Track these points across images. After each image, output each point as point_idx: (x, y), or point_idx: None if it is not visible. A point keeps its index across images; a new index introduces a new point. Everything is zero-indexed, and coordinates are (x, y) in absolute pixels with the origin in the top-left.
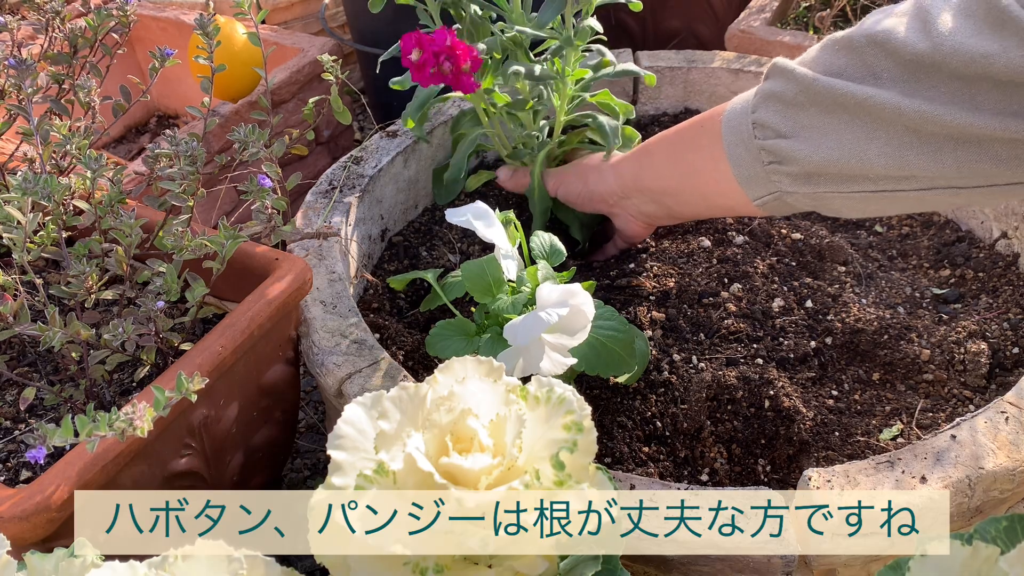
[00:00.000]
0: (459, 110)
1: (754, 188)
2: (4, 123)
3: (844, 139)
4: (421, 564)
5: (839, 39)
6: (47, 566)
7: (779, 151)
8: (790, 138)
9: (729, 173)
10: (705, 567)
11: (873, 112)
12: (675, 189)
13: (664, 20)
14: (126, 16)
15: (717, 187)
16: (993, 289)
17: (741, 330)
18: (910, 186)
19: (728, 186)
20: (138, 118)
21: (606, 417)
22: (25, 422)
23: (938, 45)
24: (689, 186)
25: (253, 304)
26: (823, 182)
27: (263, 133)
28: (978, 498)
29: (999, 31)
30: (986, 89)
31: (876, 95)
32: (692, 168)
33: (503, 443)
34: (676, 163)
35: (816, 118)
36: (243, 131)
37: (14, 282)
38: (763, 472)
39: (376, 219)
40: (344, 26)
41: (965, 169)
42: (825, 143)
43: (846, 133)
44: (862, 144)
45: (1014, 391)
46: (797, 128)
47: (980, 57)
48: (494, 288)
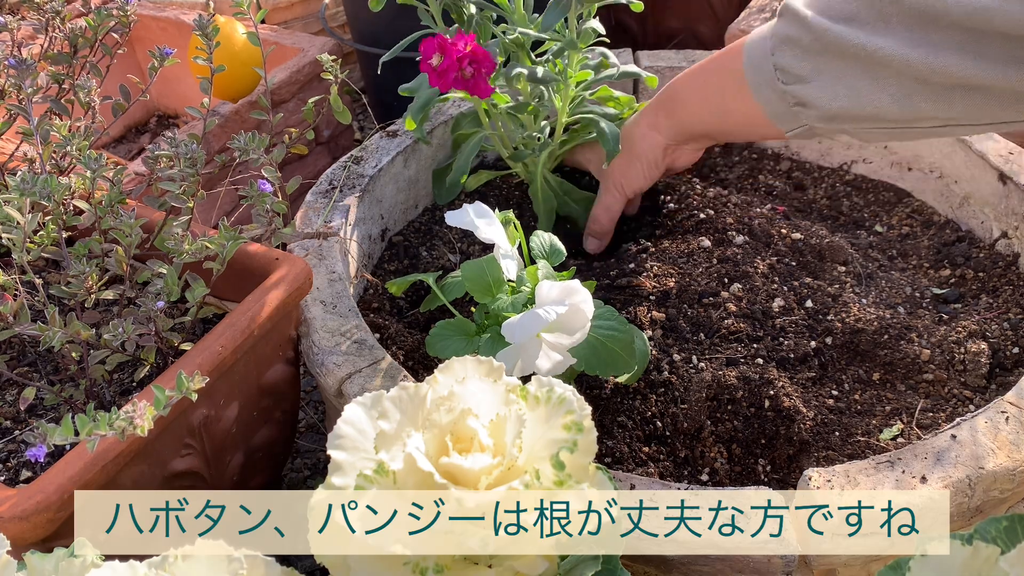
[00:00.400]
0: (459, 110)
1: (785, 123)
2: (4, 123)
3: (858, 87)
4: (421, 564)
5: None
6: (47, 566)
7: (801, 96)
8: (809, 83)
9: (761, 112)
10: (705, 567)
11: (883, 62)
12: (718, 127)
13: (664, 20)
14: (126, 16)
15: (754, 122)
16: (993, 289)
17: (741, 330)
18: (925, 124)
19: (763, 119)
20: (138, 118)
21: (606, 417)
22: (25, 422)
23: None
24: (731, 123)
25: (253, 304)
26: (845, 122)
27: (263, 139)
28: (978, 498)
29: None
30: (987, 39)
31: (884, 46)
32: (727, 109)
33: (503, 443)
34: (711, 108)
35: (831, 64)
36: (243, 139)
37: (14, 282)
38: (763, 472)
39: (376, 219)
40: (344, 26)
41: (974, 111)
42: (841, 90)
43: (859, 81)
44: (875, 93)
45: (1014, 391)
46: (814, 74)
47: (981, 10)
48: (494, 288)
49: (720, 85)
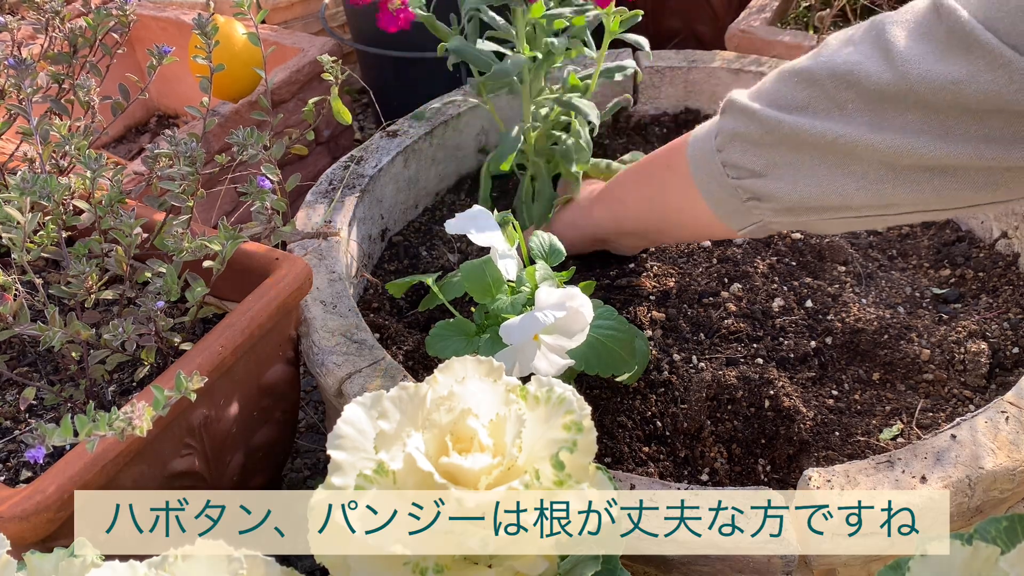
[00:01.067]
0: (459, 111)
1: (737, 220)
2: (4, 123)
3: (820, 176)
4: (421, 564)
5: (799, 71)
6: (47, 566)
7: (756, 190)
8: (764, 177)
9: (708, 210)
10: (705, 567)
11: (844, 150)
12: (657, 228)
13: (664, 20)
14: (126, 16)
15: (699, 222)
16: (993, 289)
17: (741, 330)
18: (893, 211)
19: (710, 219)
20: (138, 118)
21: (606, 417)
22: (25, 422)
23: (904, 74)
24: (672, 224)
25: (253, 304)
26: (806, 213)
27: (261, 136)
28: (978, 498)
29: (965, 55)
30: (956, 116)
31: (845, 133)
32: (670, 208)
33: (503, 443)
34: (653, 207)
35: (787, 156)
36: (241, 134)
37: (14, 282)
38: (763, 472)
39: (376, 219)
40: (344, 26)
41: (945, 195)
42: (801, 181)
43: (821, 170)
44: (839, 180)
45: (1014, 391)
46: (770, 167)
47: (949, 84)
48: (493, 288)
49: (661, 183)
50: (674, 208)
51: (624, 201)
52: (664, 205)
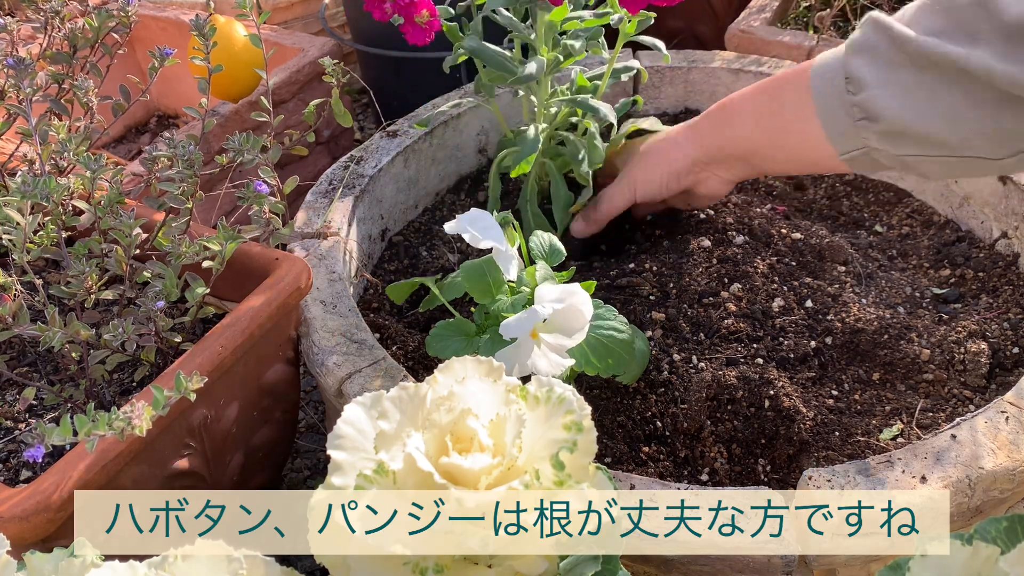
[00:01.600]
0: (459, 111)
1: (843, 143)
2: (4, 123)
3: (937, 99)
4: (421, 564)
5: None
6: (47, 566)
7: (870, 107)
8: (882, 95)
9: (818, 128)
10: (705, 567)
11: (969, 76)
12: (763, 149)
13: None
14: (127, 16)
15: (806, 143)
16: (993, 289)
17: (741, 330)
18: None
19: (817, 141)
20: (138, 118)
21: (606, 417)
22: (25, 422)
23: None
24: (777, 144)
25: (253, 304)
26: (910, 144)
27: (258, 140)
28: (978, 498)
29: None
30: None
31: (971, 56)
32: (779, 126)
33: (503, 443)
34: (761, 123)
35: (911, 75)
36: (237, 140)
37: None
38: (763, 472)
39: (376, 219)
40: (344, 26)
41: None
42: (918, 104)
43: (940, 92)
44: (956, 106)
45: (1014, 391)
46: (890, 85)
47: None
48: (494, 289)
49: (779, 100)
50: (784, 125)
51: (732, 115)
52: (775, 122)
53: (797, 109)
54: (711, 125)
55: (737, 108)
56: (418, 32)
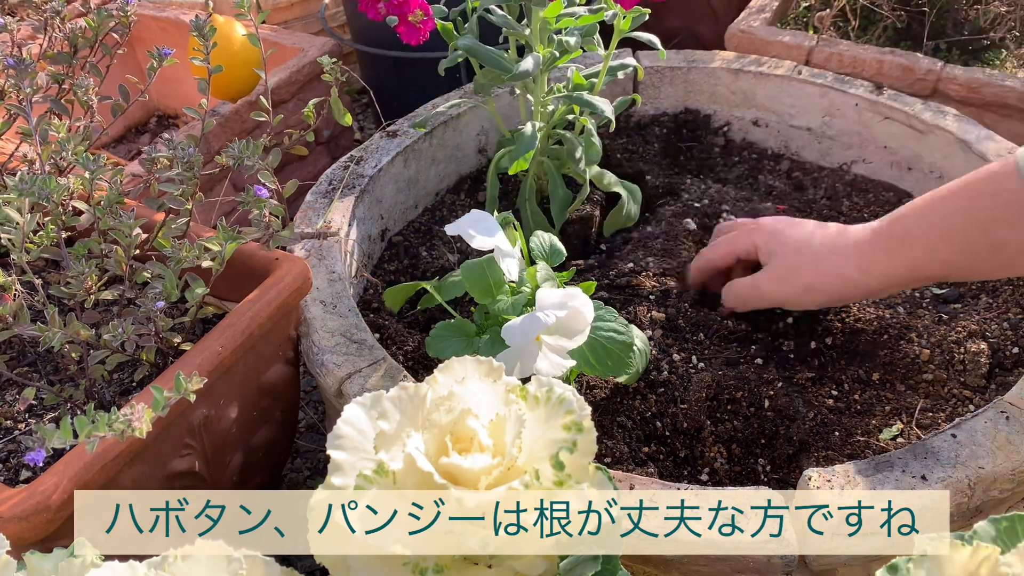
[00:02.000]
0: (458, 111)
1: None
2: (4, 123)
3: None
4: (421, 564)
5: None
6: (47, 566)
7: None
8: None
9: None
10: (705, 567)
11: None
12: (964, 267)
13: (663, 20)
14: (126, 16)
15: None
16: (993, 289)
17: (741, 330)
18: None
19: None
20: (138, 118)
21: (606, 417)
22: (25, 422)
23: None
24: (991, 262)
25: (253, 304)
26: None
27: (257, 146)
28: (978, 498)
29: None
30: None
31: None
32: (993, 243)
33: (503, 443)
34: (960, 244)
35: None
36: (237, 147)
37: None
38: (763, 472)
39: (376, 219)
40: (344, 26)
41: None
42: None
43: None
44: None
45: (1014, 391)
46: None
47: None
48: (494, 289)
49: (981, 213)
50: (1004, 242)
51: (923, 242)
52: (983, 241)
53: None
54: (890, 252)
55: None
56: (413, 32)
